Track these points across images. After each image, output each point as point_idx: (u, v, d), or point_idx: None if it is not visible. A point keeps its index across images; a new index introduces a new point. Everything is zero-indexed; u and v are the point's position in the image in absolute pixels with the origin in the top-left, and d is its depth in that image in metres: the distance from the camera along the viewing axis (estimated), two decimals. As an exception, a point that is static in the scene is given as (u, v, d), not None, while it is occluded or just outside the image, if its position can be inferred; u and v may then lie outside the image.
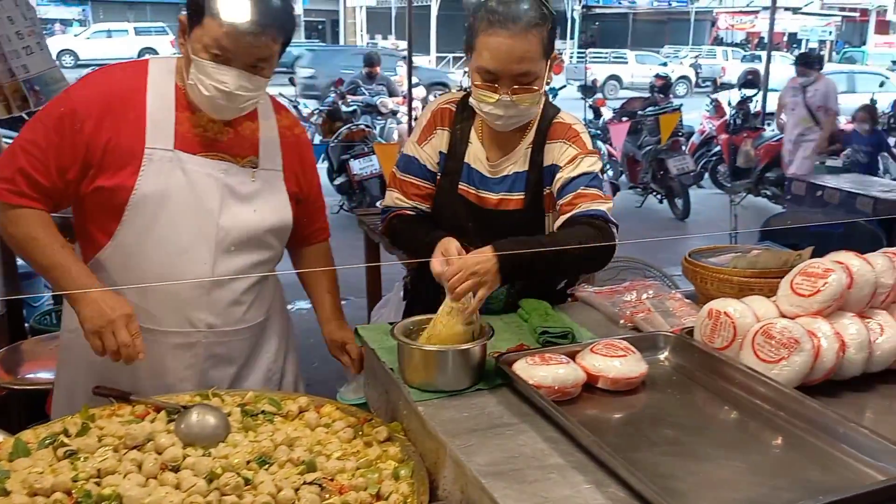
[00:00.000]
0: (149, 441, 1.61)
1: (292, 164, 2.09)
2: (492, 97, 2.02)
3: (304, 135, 2.23)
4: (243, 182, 1.97)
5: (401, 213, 2.27)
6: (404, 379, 1.75)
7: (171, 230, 1.90)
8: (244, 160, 1.99)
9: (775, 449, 1.52)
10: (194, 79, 1.84)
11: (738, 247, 2.39)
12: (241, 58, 1.81)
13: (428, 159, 2.24)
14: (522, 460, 1.44)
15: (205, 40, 1.79)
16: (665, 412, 1.65)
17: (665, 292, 2.29)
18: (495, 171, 2.21)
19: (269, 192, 2.02)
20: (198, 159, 1.92)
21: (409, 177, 2.26)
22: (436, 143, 2.24)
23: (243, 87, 1.84)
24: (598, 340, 1.82)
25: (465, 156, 2.22)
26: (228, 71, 1.81)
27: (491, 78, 2.01)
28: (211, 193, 1.93)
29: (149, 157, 1.87)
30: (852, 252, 1.83)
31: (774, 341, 1.69)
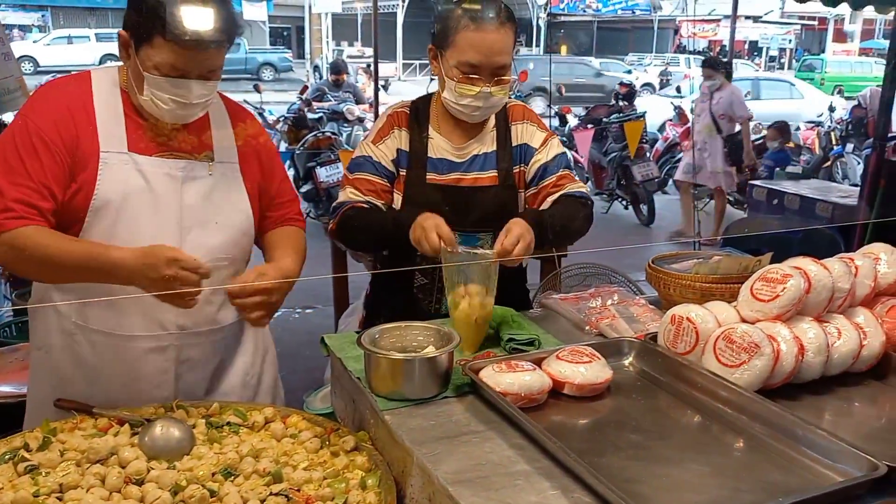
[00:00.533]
0: (112, 455, 1.59)
1: (248, 158, 2.08)
2: (473, 90, 2.18)
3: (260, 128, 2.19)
4: (201, 177, 1.97)
5: (355, 206, 2.30)
6: (371, 388, 1.75)
7: (132, 232, 1.88)
8: (200, 155, 1.99)
9: (737, 452, 1.55)
10: (149, 94, 1.84)
11: (699, 253, 2.43)
12: (196, 71, 1.83)
13: (382, 157, 2.32)
14: (489, 467, 1.45)
15: (156, 59, 1.79)
16: (630, 417, 1.67)
17: (629, 298, 2.32)
18: (462, 155, 2.34)
19: (226, 187, 2.01)
20: (153, 160, 1.91)
21: (361, 174, 2.33)
22: (392, 143, 2.33)
23: (200, 94, 1.86)
24: (564, 347, 1.83)
25: (427, 150, 2.31)
26: (185, 84, 1.82)
27: (473, 71, 2.17)
28: (170, 193, 1.92)
29: (104, 160, 1.86)
30: (810, 258, 1.87)
31: (735, 346, 1.72)
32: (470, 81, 2.18)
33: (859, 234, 4.96)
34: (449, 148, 2.34)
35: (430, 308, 2.38)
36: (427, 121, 2.35)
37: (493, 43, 2.15)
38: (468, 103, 2.21)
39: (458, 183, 2.33)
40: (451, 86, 2.21)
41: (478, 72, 2.17)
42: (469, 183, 2.34)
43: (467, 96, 2.19)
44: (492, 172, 2.36)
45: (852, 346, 1.80)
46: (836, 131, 11.65)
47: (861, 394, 1.81)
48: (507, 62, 2.19)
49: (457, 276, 1.99)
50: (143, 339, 1.96)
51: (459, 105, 2.23)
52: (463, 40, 2.15)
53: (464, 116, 2.28)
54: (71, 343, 1.97)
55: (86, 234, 1.88)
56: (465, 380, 1.75)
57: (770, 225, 5.35)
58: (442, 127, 2.35)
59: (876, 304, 1.97)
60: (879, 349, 1.83)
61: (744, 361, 1.70)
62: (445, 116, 2.34)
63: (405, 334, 1.87)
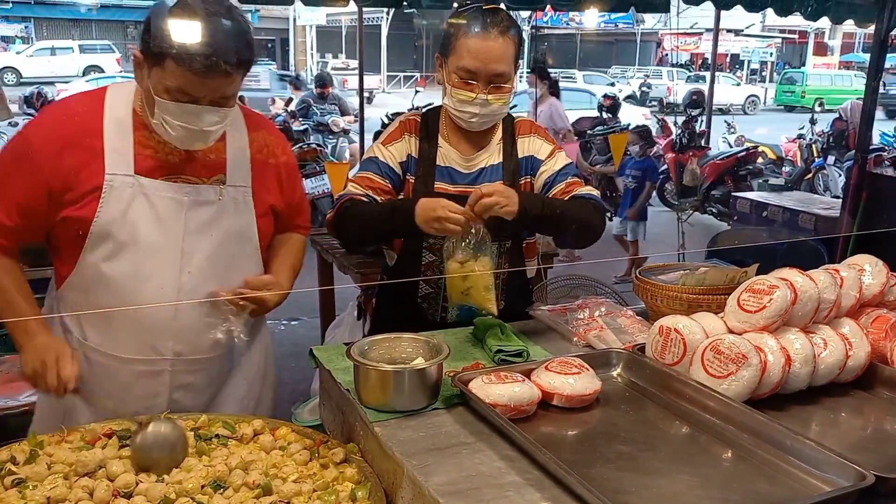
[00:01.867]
0: (100, 468, 1.57)
1: (265, 177, 2.05)
2: (469, 95, 2.20)
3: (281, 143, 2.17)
4: (209, 200, 1.94)
5: (353, 197, 2.29)
6: (360, 399, 1.75)
7: (133, 257, 1.86)
8: (211, 179, 1.95)
9: (725, 462, 1.56)
10: (159, 119, 1.80)
11: (686, 264, 2.45)
12: (207, 97, 1.79)
13: (390, 158, 2.33)
14: (480, 479, 1.45)
15: (167, 83, 1.75)
16: (619, 428, 1.68)
17: (617, 309, 2.33)
18: (470, 166, 2.36)
19: (234, 211, 1.98)
20: (159, 184, 1.88)
21: (365, 173, 2.34)
22: (402, 147, 2.34)
23: (211, 121, 1.82)
24: (553, 358, 1.84)
25: (436, 158, 2.33)
26: (196, 110, 1.78)
27: (470, 77, 2.19)
28: (174, 218, 1.89)
29: (109, 183, 1.84)
30: (796, 269, 1.89)
31: (723, 357, 1.73)
32: (467, 87, 2.20)
33: (842, 245, 5.01)
34: (457, 158, 2.35)
35: (435, 317, 2.38)
36: (437, 130, 2.37)
37: (490, 50, 2.16)
38: (466, 109, 2.23)
39: (465, 193, 2.29)
40: (450, 91, 2.24)
41: (475, 78, 2.19)
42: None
43: (465, 102, 2.21)
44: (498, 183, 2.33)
45: (838, 357, 1.81)
46: (817, 143, 11.78)
47: (847, 404, 1.82)
48: (504, 70, 2.19)
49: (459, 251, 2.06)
50: (138, 363, 1.94)
51: (458, 111, 2.25)
52: (462, 46, 2.18)
53: (463, 124, 2.29)
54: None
55: (87, 255, 1.86)
56: (455, 391, 1.75)
57: (755, 236, 5.40)
58: (451, 137, 2.36)
59: (861, 315, 1.99)
60: (865, 360, 1.85)
61: (731, 372, 1.71)
62: (453, 127, 2.36)
63: (394, 346, 1.87)
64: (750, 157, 10.20)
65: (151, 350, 1.94)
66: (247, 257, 2.04)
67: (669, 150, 10.59)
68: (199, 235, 1.93)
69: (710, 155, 10.32)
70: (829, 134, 11.81)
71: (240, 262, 2.01)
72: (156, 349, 1.94)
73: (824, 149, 11.53)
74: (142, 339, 1.93)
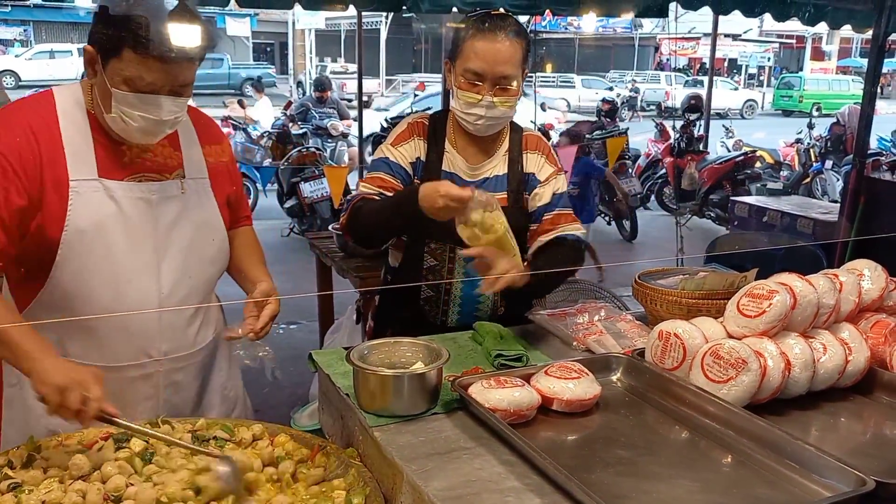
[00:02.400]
0: (95, 471, 1.57)
1: (217, 169, 2.06)
2: (476, 97, 2.20)
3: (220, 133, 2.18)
4: (174, 196, 1.94)
5: (367, 197, 2.29)
6: (360, 404, 1.74)
7: (110, 262, 1.85)
8: (172, 175, 1.95)
9: (725, 467, 1.55)
10: (117, 111, 1.78)
11: (685, 269, 2.44)
12: (167, 86, 1.78)
13: (400, 158, 2.33)
14: (479, 484, 1.44)
15: (126, 73, 1.74)
16: (618, 433, 1.67)
17: (616, 314, 2.33)
18: (475, 174, 2.35)
19: (198, 204, 1.99)
20: (125, 185, 1.87)
21: (376, 173, 2.32)
22: (411, 149, 2.34)
23: (171, 111, 1.81)
24: (552, 363, 1.83)
25: (442, 163, 2.33)
26: (155, 100, 1.77)
27: (476, 79, 2.20)
28: (144, 217, 1.88)
29: (74, 189, 1.81)
30: (795, 274, 1.89)
31: (723, 361, 1.73)
32: (473, 89, 2.20)
33: (840, 249, 5.02)
34: (463, 166, 2.35)
35: (437, 320, 2.37)
36: (444, 134, 2.36)
37: (497, 52, 2.17)
38: (472, 111, 2.22)
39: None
40: (457, 94, 2.24)
41: (481, 80, 2.19)
42: None
43: (471, 104, 2.21)
44: (502, 194, 2.34)
45: (838, 362, 1.81)
46: (815, 148, 11.81)
47: (847, 409, 1.82)
48: (511, 73, 2.20)
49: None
50: (129, 369, 1.93)
51: (464, 113, 2.24)
52: (469, 48, 2.19)
53: (469, 126, 2.28)
54: None
55: (60, 267, 1.82)
56: (454, 396, 1.75)
57: (753, 241, 5.40)
58: (457, 143, 2.36)
59: (860, 320, 1.99)
60: (864, 364, 1.85)
61: (731, 377, 1.70)
62: (460, 132, 2.35)
63: (394, 350, 1.87)
64: (748, 161, 10.21)
65: (142, 354, 1.93)
66: (216, 246, 2.04)
67: (668, 154, 10.61)
68: (170, 230, 1.93)
69: (708, 159, 10.33)
70: (827, 138, 11.84)
71: (210, 251, 2.03)
72: (146, 352, 1.94)
73: (822, 153, 11.56)
74: (131, 345, 1.92)
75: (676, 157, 10.34)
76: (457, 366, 1.95)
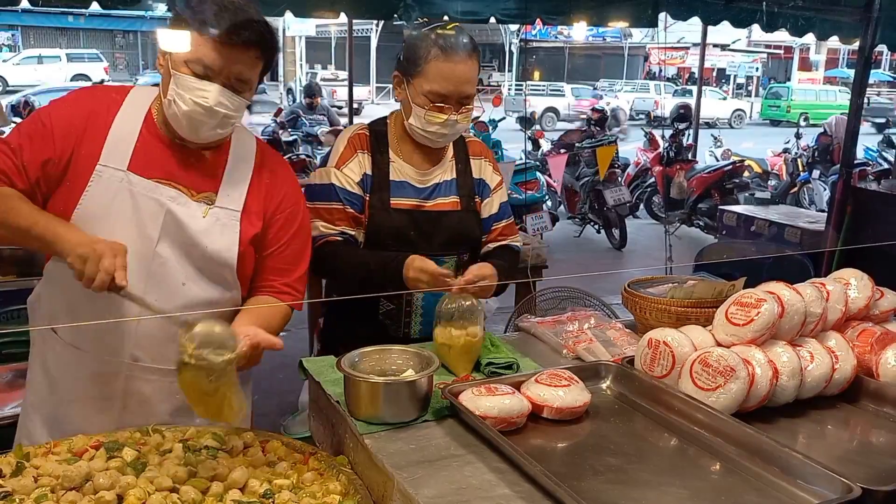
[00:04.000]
0: (87, 481, 1.56)
1: (258, 207, 1.98)
2: (440, 117, 2.22)
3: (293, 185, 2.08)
4: (192, 216, 1.90)
5: (329, 240, 2.28)
6: (350, 411, 1.75)
7: None
8: (199, 195, 1.92)
9: (714, 474, 1.56)
10: (173, 94, 1.81)
11: (674, 277, 2.46)
12: (223, 72, 1.79)
13: (347, 181, 2.30)
14: (470, 491, 1.45)
15: (188, 56, 1.78)
16: (608, 440, 1.68)
17: (605, 322, 2.34)
18: (425, 181, 2.37)
19: (218, 232, 1.92)
20: (147, 183, 1.87)
21: (330, 203, 2.30)
22: (356, 167, 2.32)
23: (223, 104, 1.81)
24: (543, 371, 1.84)
25: (389, 173, 2.33)
26: (209, 85, 1.79)
27: (441, 100, 2.21)
28: (153, 220, 1.87)
29: (98, 173, 1.84)
30: (783, 283, 1.91)
31: (711, 369, 1.74)
32: (438, 110, 2.21)
33: (827, 259, 5.05)
34: (412, 173, 2.35)
35: (399, 333, 2.36)
36: (387, 144, 2.36)
37: (462, 74, 2.20)
38: (435, 130, 2.24)
39: (420, 207, 2.35)
40: (420, 113, 2.23)
41: (446, 101, 2.21)
42: (434, 208, 2.36)
43: (435, 124, 2.23)
44: (453, 198, 2.40)
45: (825, 370, 1.83)
46: (802, 158, 11.88)
47: (833, 417, 1.84)
48: (473, 92, 2.25)
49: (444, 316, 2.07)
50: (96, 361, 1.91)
51: (427, 132, 2.25)
52: (433, 70, 2.19)
53: (428, 142, 2.30)
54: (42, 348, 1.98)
55: None
56: (445, 403, 1.76)
57: (742, 250, 5.43)
58: (402, 151, 2.36)
59: (847, 329, 2.01)
60: (851, 373, 1.87)
61: (720, 385, 1.72)
62: (405, 140, 2.36)
63: (384, 358, 1.87)
64: (736, 170, 10.26)
65: (110, 350, 1.91)
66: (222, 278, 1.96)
67: (657, 163, 10.65)
68: (176, 246, 1.89)
69: (697, 168, 10.38)
70: (815, 148, 11.92)
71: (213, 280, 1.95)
72: (114, 349, 1.91)
73: (809, 163, 11.64)
74: (105, 338, 1.91)
75: (665, 166, 10.38)
76: (447, 373, 1.97)
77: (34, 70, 26.89)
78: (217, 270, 1.95)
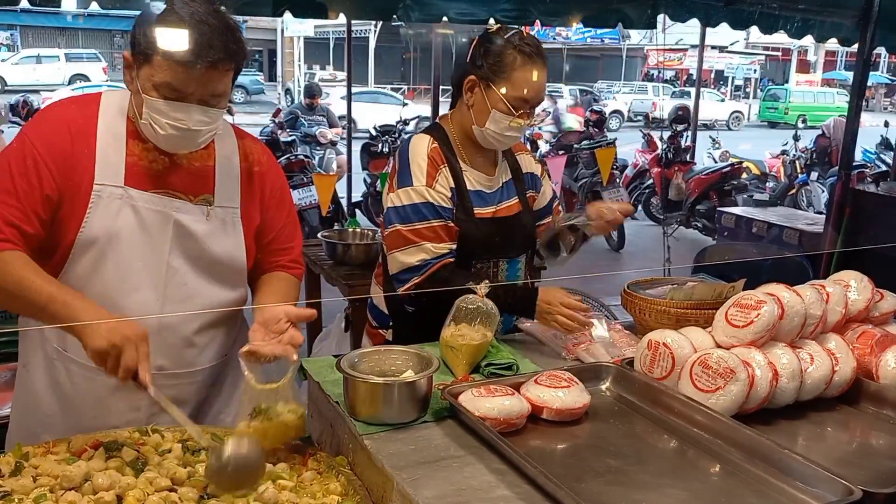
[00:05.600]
0: (86, 481, 1.55)
1: (252, 199, 2.00)
2: (520, 122, 2.28)
3: (272, 165, 2.08)
4: (197, 220, 1.90)
5: (446, 263, 2.25)
6: (350, 412, 1.74)
7: (118, 270, 1.83)
8: (198, 198, 1.91)
9: (714, 476, 1.56)
10: (148, 118, 1.77)
11: (674, 279, 2.46)
12: (196, 94, 1.75)
13: (442, 199, 2.27)
14: (470, 493, 1.45)
15: (156, 79, 1.73)
16: (608, 442, 1.68)
17: (605, 323, 2.33)
18: (492, 185, 2.41)
19: (223, 232, 1.93)
20: (148, 196, 1.85)
21: (430, 222, 2.24)
22: (445, 182, 2.29)
23: (201, 121, 1.78)
24: (542, 372, 1.84)
25: (467, 184, 2.34)
26: (185, 108, 1.75)
27: (525, 107, 2.27)
28: (162, 232, 1.86)
29: (98, 193, 1.80)
30: (783, 284, 1.91)
31: (711, 371, 1.74)
32: (523, 116, 2.27)
33: (826, 260, 5.05)
34: (482, 180, 2.38)
35: None
36: (454, 153, 2.36)
37: (542, 81, 2.27)
38: (511, 135, 2.30)
39: (496, 214, 2.39)
40: (500, 118, 2.25)
41: (527, 106, 2.27)
42: (505, 212, 2.41)
43: (513, 129, 2.27)
44: (514, 199, 2.46)
45: (824, 372, 1.83)
46: (800, 160, 11.90)
47: (833, 419, 1.84)
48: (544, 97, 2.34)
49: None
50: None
51: (504, 136, 2.29)
52: (521, 77, 2.23)
53: (498, 145, 2.35)
54: (50, 367, 1.94)
55: (70, 267, 1.82)
56: (444, 404, 1.76)
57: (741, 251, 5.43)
58: (468, 158, 2.38)
59: (846, 331, 2.01)
60: (850, 375, 1.87)
61: (720, 387, 1.72)
62: (466, 146, 2.37)
63: (384, 358, 1.87)
64: (734, 172, 10.27)
65: None
66: (232, 279, 1.99)
67: (655, 164, 10.66)
68: (187, 254, 1.89)
69: (695, 170, 10.39)
70: (812, 150, 11.95)
71: (227, 283, 1.98)
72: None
73: (807, 165, 11.66)
74: None
75: (664, 167, 10.39)
76: (447, 374, 1.98)
77: (33, 70, 26.85)
78: (227, 271, 1.97)
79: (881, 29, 5.50)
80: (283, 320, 1.79)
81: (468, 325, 2.04)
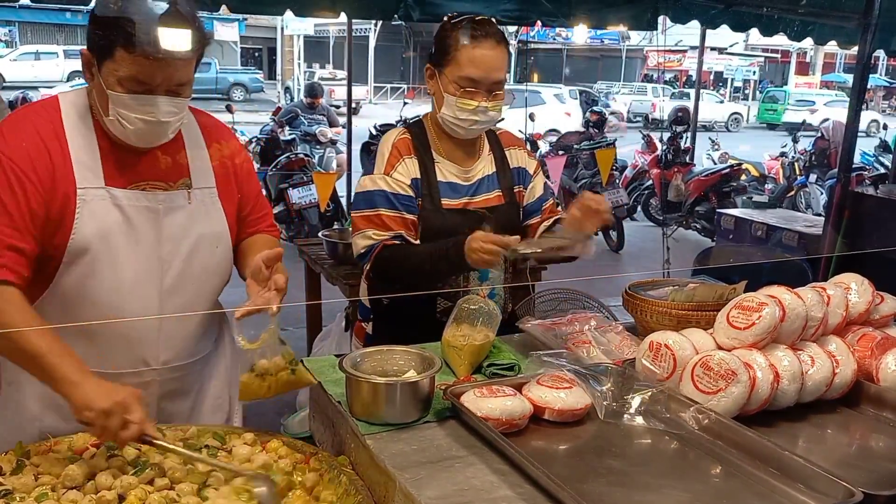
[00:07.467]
0: (89, 480, 1.56)
1: (227, 177, 2.01)
2: (471, 104, 2.26)
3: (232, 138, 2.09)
4: (181, 206, 1.90)
5: (386, 243, 2.28)
6: (352, 412, 1.75)
7: (113, 270, 1.82)
8: (177, 183, 1.91)
9: (715, 478, 1.57)
10: (114, 114, 1.75)
11: (675, 280, 2.46)
12: (163, 85, 1.74)
13: (399, 185, 2.30)
14: (472, 493, 1.45)
15: (120, 74, 1.70)
16: (610, 443, 1.69)
17: (606, 324, 2.33)
18: (468, 178, 2.40)
19: (205, 214, 1.95)
20: (131, 193, 1.84)
21: (378, 210, 2.29)
22: (405, 171, 2.32)
23: (169, 112, 1.77)
24: (544, 372, 1.84)
25: (437, 175, 2.35)
26: (152, 100, 1.73)
27: (472, 86, 2.25)
28: (149, 228, 1.86)
29: (82, 197, 1.78)
30: (784, 287, 1.91)
31: (713, 373, 1.74)
32: (469, 96, 2.25)
33: (825, 263, 5.06)
34: (456, 172, 2.39)
35: None
36: (428, 145, 2.38)
37: (491, 59, 2.24)
38: (466, 118, 2.28)
39: (468, 205, 2.39)
40: (451, 101, 2.27)
41: (476, 87, 2.25)
42: (480, 204, 2.41)
43: (466, 111, 2.26)
44: (496, 192, 2.45)
45: (825, 374, 1.83)
46: (799, 162, 11.91)
47: (834, 421, 1.85)
48: (502, 78, 2.29)
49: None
50: (127, 376, 1.88)
51: (458, 120, 2.28)
52: (463, 56, 2.24)
53: (461, 131, 2.33)
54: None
55: (63, 274, 1.80)
56: (447, 404, 1.76)
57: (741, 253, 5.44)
58: (443, 149, 2.39)
59: (847, 333, 2.01)
60: (851, 377, 1.87)
61: (721, 388, 1.72)
62: (443, 139, 2.38)
63: (386, 358, 1.87)
64: (734, 173, 10.28)
65: (141, 362, 1.92)
66: (220, 256, 2.00)
67: (655, 165, 10.66)
68: (174, 241, 1.90)
69: (694, 171, 10.40)
70: (811, 152, 11.94)
71: (214, 261, 1.99)
72: (144, 360, 1.92)
73: (806, 167, 11.65)
74: (130, 353, 1.90)
75: (663, 168, 10.39)
76: (449, 374, 1.97)
77: (31, 66, 26.83)
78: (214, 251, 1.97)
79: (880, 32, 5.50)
80: (262, 268, 1.80)
81: (470, 326, 2.05)
